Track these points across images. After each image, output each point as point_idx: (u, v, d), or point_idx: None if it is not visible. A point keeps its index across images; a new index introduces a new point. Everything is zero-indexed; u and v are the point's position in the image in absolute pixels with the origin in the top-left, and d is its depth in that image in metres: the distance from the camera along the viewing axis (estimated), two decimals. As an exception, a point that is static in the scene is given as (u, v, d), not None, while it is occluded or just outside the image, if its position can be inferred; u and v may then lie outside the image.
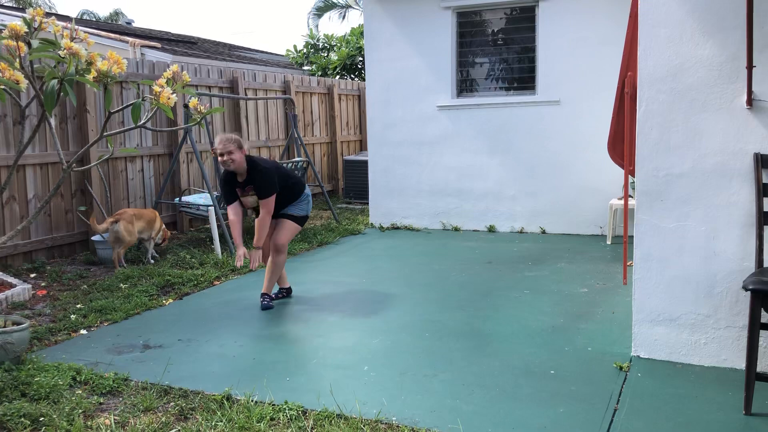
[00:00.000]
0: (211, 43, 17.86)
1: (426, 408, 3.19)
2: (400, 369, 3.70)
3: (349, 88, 12.13)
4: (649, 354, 3.78)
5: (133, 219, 6.29)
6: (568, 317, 4.56)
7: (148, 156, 7.72)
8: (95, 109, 6.88)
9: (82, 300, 5.18)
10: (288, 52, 16.76)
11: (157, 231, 6.63)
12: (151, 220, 6.55)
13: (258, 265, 4.76)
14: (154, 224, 6.58)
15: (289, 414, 3.11)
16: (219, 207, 6.92)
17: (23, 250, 6.24)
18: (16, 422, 3.03)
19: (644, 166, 3.68)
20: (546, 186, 7.69)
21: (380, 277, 5.65)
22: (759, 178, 3.42)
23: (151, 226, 6.55)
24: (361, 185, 9.72)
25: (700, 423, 2.99)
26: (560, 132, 7.54)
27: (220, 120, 8.79)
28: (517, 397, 3.30)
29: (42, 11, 2.89)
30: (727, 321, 3.59)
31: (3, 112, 6.08)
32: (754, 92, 3.42)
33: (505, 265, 6.16)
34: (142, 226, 6.43)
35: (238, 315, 4.80)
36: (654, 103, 3.62)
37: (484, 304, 4.94)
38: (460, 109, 7.97)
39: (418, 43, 8.03)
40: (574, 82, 7.42)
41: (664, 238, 3.68)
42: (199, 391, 3.41)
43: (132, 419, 3.12)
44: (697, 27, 3.50)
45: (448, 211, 8.15)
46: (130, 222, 6.25)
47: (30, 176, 6.32)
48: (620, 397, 3.29)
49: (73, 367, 3.69)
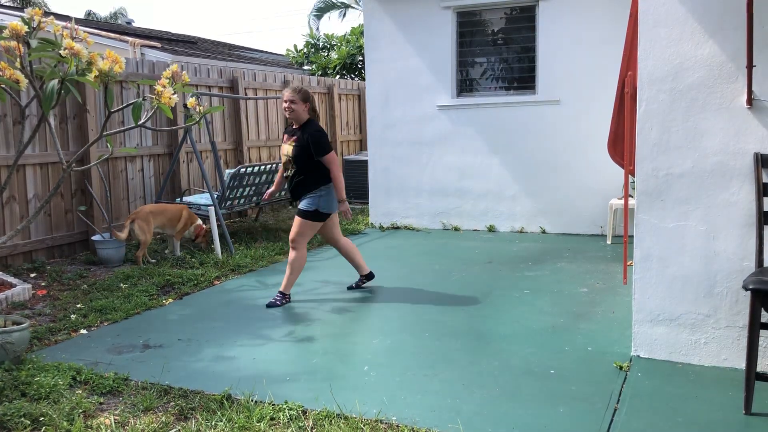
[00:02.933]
0: (211, 43, 17.86)
1: (426, 408, 3.19)
2: (400, 369, 3.70)
3: (349, 87, 12.12)
4: (649, 354, 3.78)
5: (149, 217, 6.30)
6: (568, 317, 4.56)
7: (148, 156, 7.72)
8: (95, 109, 6.88)
9: (82, 300, 5.18)
10: (288, 51, 16.76)
11: (184, 227, 6.62)
12: (174, 216, 6.54)
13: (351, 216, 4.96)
14: (179, 220, 6.57)
15: (289, 414, 3.11)
16: (219, 207, 6.92)
17: (23, 250, 6.23)
18: (16, 422, 3.03)
19: (644, 166, 3.68)
20: (546, 186, 7.69)
21: (380, 276, 5.65)
22: (759, 178, 3.42)
23: (174, 222, 6.54)
24: (361, 185, 9.72)
25: (700, 423, 2.99)
26: (560, 132, 7.54)
27: (220, 119, 8.79)
28: (517, 397, 3.30)
29: (40, 11, 2.89)
30: (727, 321, 3.59)
31: (3, 112, 6.08)
32: (754, 92, 3.42)
33: (505, 265, 6.16)
34: (162, 222, 6.43)
35: (238, 315, 4.80)
36: (654, 103, 3.62)
37: (484, 304, 4.94)
38: (460, 109, 7.97)
39: (418, 42, 8.02)
40: (574, 82, 7.42)
41: (664, 237, 3.68)
42: (199, 391, 3.41)
43: (132, 419, 3.12)
44: (698, 26, 3.50)
45: (448, 210, 8.15)
46: (145, 220, 6.26)
47: (30, 176, 6.32)
48: (620, 396, 3.29)
49: (73, 366, 3.69)
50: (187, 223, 6.65)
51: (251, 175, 7.23)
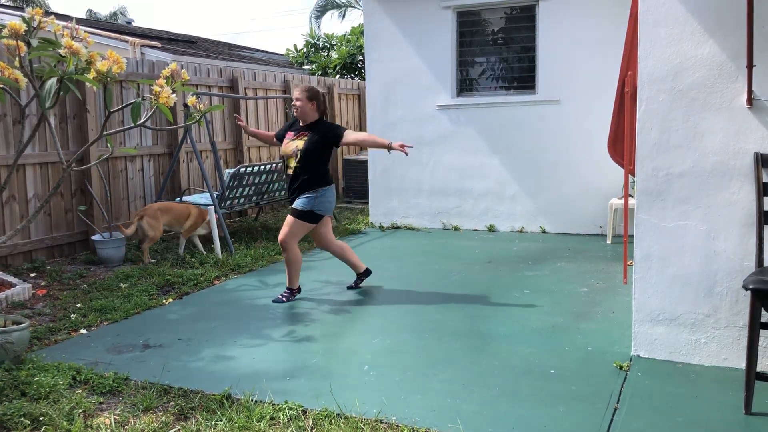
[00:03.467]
0: (211, 43, 17.86)
1: (426, 407, 3.19)
2: (400, 369, 3.70)
3: (349, 87, 12.12)
4: (649, 353, 3.78)
5: (157, 213, 6.38)
6: (568, 317, 4.56)
7: (148, 155, 7.72)
8: (95, 109, 6.87)
9: (82, 299, 5.18)
10: (288, 51, 16.76)
11: (194, 224, 6.69)
12: (182, 214, 6.60)
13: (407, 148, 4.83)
14: (187, 218, 6.63)
15: (289, 413, 3.11)
16: (219, 206, 6.92)
17: (23, 250, 6.23)
18: (16, 422, 3.03)
19: (644, 166, 3.68)
20: (546, 185, 7.69)
21: (380, 276, 5.65)
22: (759, 178, 3.42)
23: (181, 220, 6.61)
24: (361, 185, 9.72)
25: (700, 422, 2.99)
26: (560, 132, 7.54)
27: (220, 119, 8.79)
28: (517, 397, 3.30)
29: (41, 10, 2.89)
30: (727, 320, 3.59)
31: (3, 112, 6.08)
32: (754, 92, 3.42)
33: (505, 265, 6.16)
34: (169, 220, 6.49)
35: (238, 315, 4.80)
36: (654, 103, 3.62)
37: (484, 303, 4.94)
38: (460, 109, 7.97)
39: (418, 42, 8.02)
40: (574, 82, 7.42)
41: (664, 237, 3.68)
42: (199, 391, 3.41)
43: (132, 419, 3.12)
44: (698, 26, 3.50)
45: (448, 210, 8.15)
46: (154, 217, 6.32)
47: (30, 176, 6.32)
48: (620, 396, 3.29)
49: (73, 366, 3.69)
50: (197, 221, 6.72)
51: (251, 174, 7.23)
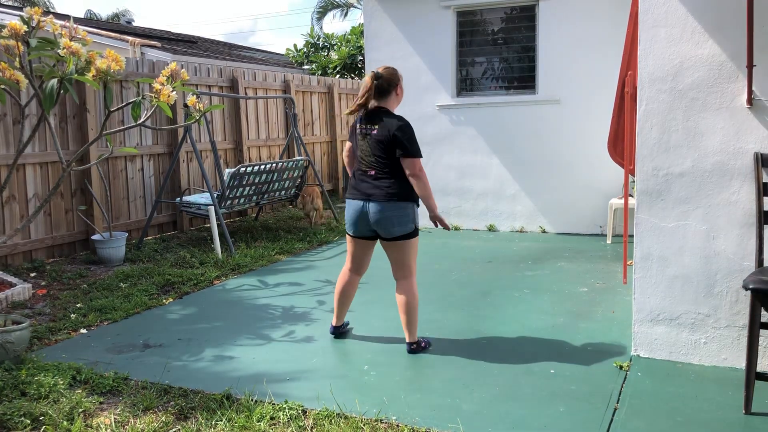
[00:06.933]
0: (211, 43, 17.85)
1: (426, 407, 3.19)
2: (400, 368, 3.70)
3: (350, 87, 12.12)
4: (649, 353, 3.78)
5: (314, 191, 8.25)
6: (568, 316, 4.56)
7: (148, 155, 7.71)
8: (95, 109, 6.87)
9: (82, 299, 5.18)
10: (288, 51, 16.77)
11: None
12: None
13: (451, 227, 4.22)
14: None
15: (289, 413, 3.11)
16: (219, 206, 6.92)
17: (23, 250, 6.23)
18: (16, 421, 3.03)
19: (644, 166, 3.68)
20: (546, 185, 7.69)
21: (380, 276, 5.65)
22: (759, 178, 3.42)
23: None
24: (361, 184, 9.70)
25: (700, 422, 2.99)
26: (560, 131, 7.54)
27: (220, 119, 8.78)
28: (517, 397, 3.30)
29: (40, 10, 2.89)
30: (727, 320, 3.59)
31: (3, 112, 6.08)
32: (755, 91, 3.42)
33: (505, 265, 6.16)
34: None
35: (238, 315, 4.80)
36: (654, 103, 3.62)
37: (484, 303, 4.94)
38: (460, 109, 7.96)
39: (418, 42, 8.02)
40: (574, 82, 7.42)
41: (664, 237, 3.68)
42: (199, 391, 3.41)
43: (132, 418, 3.12)
44: (698, 26, 3.50)
45: (448, 210, 8.15)
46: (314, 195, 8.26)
47: (30, 175, 6.32)
48: (620, 396, 3.29)
49: (73, 366, 3.69)
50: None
51: (251, 174, 7.23)
